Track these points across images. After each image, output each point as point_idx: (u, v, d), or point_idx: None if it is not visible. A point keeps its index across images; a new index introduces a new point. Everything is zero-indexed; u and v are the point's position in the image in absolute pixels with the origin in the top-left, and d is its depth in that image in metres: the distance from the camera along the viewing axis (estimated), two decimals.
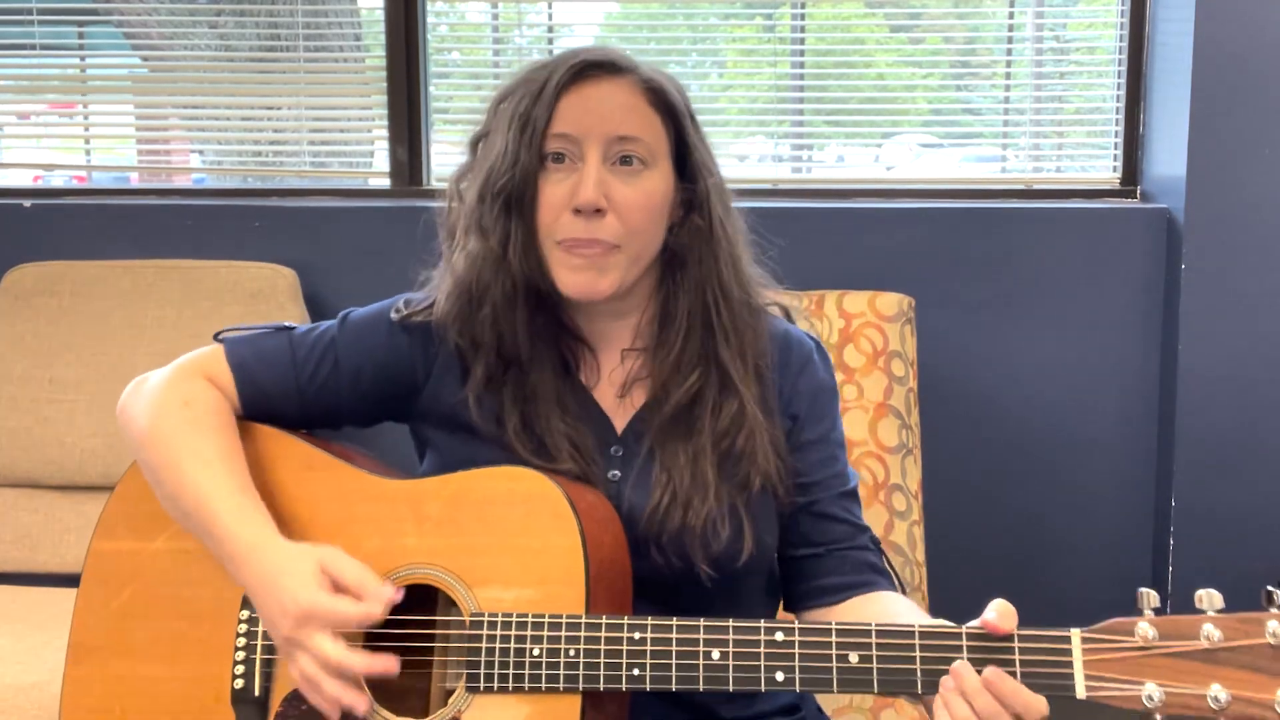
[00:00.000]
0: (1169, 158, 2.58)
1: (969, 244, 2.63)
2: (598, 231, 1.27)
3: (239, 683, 1.30)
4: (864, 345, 2.24)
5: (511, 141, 1.28)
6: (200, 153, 3.24)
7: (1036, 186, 2.82)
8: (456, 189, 1.37)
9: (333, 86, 3.01)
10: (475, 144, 1.36)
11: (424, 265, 1.42)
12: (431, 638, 1.29)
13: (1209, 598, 1.08)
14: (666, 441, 1.33)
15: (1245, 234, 2.48)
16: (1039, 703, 1.09)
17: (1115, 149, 2.76)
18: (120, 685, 1.35)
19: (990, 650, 1.11)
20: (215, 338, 1.41)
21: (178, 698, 1.32)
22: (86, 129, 3.17)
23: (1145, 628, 1.07)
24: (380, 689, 1.26)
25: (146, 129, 3.17)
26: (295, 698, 1.26)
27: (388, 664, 1.21)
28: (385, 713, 1.25)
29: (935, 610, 1.34)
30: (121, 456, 2.54)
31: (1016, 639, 1.11)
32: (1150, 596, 1.09)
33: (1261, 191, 2.47)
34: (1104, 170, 2.79)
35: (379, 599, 1.21)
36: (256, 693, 1.29)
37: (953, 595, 1.42)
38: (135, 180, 3.16)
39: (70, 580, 2.50)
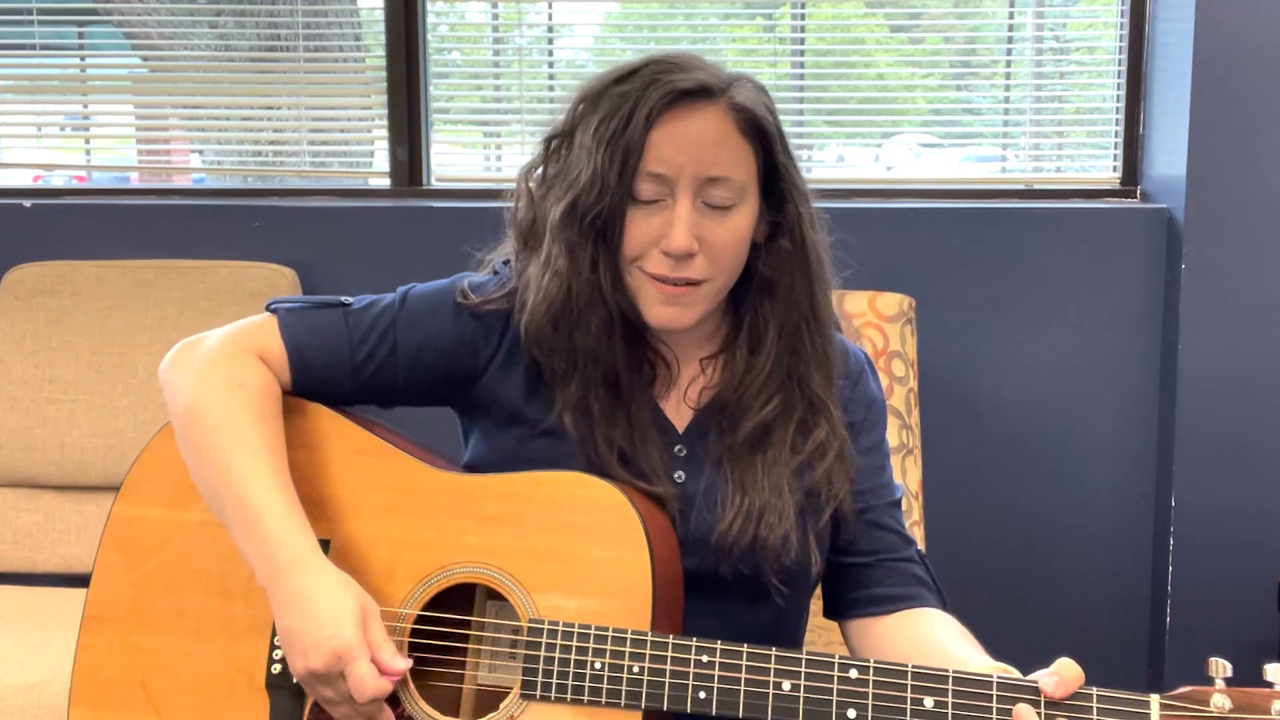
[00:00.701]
0: (1169, 158, 2.58)
1: (969, 244, 2.63)
2: (686, 271, 1.27)
3: (276, 667, 1.28)
4: (864, 345, 2.24)
5: (600, 167, 1.25)
6: (200, 153, 3.24)
7: (1036, 186, 2.82)
8: (526, 185, 1.35)
9: (333, 86, 3.01)
10: (549, 142, 1.34)
11: (478, 253, 1.42)
12: (466, 637, 1.28)
13: (1274, 671, 1.08)
14: (740, 458, 1.32)
15: (1245, 234, 2.48)
16: None
17: (1115, 149, 2.76)
18: (141, 658, 1.31)
19: (1067, 709, 1.10)
20: (268, 308, 1.38)
21: (206, 677, 1.29)
22: (86, 129, 3.17)
23: (1220, 699, 1.09)
24: (418, 684, 1.25)
25: (146, 129, 3.17)
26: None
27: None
28: (428, 709, 1.24)
29: None
30: (122, 457, 2.56)
31: (1095, 699, 1.10)
32: (1223, 666, 1.09)
33: (1261, 191, 2.46)
34: (1104, 170, 2.79)
35: (395, 671, 1.20)
36: (295, 679, 1.26)
37: (953, 595, 1.41)
38: (135, 180, 3.16)
39: (71, 580, 2.52)
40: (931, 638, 1.28)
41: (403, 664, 1.21)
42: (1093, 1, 2.88)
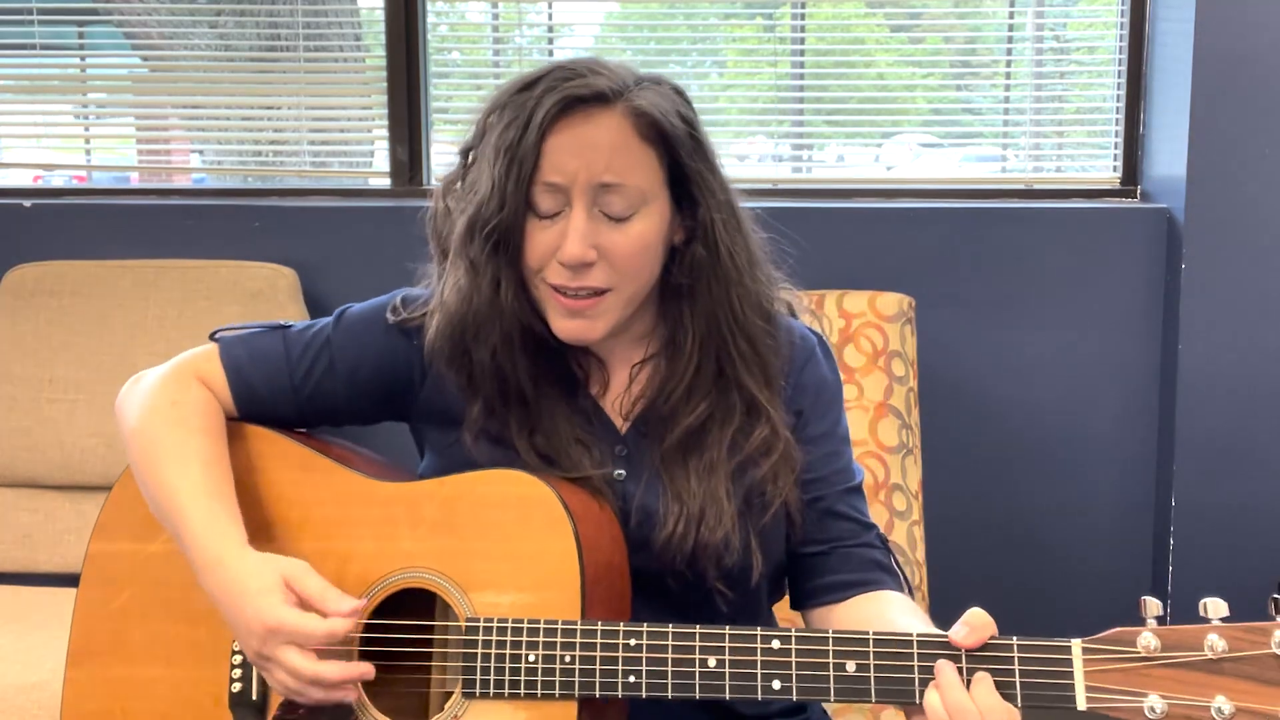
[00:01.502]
0: (1169, 158, 2.58)
1: (969, 244, 2.63)
2: (586, 279, 1.25)
3: (236, 686, 1.30)
4: (864, 345, 2.24)
5: (499, 178, 1.23)
6: (200, 153, 3.24)
7: (1036, 186, 2.82)
8: (443, 198, 1.34)
9: (333, 86, 3.01)
10: (465, 153, 1.32)
11: (421, 263, 1.42)
12: (429, 642, 1.28)
13: (1213, 606, 1.05)
14: (672, 466, 1.31)
15: (1245, 234, 2.48)
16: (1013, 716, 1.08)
17: (1115, 149, 2.76)
18: (120, 688, 1.34)
19: (988, 660, 1.10)
20: (211, 337, 1.40)
21: (176, 700, 1.32)
22: (86, 129, 3.17)
23: (1148, 638, 1.05)
24: (378, 693, 1.25)
25: (146, 129, 3.17)
26: (291, 702, 1.26)
27: (364, 670, 1.22)
28: (380, 716, 1.25)
29: (935, 609, 1.34)
30: (121, 456, 2.55)
31: (1016, 648, 1.10)
32: (1152, 605, 1.07)
33: (1261, 191, 2.47)
34: (1104, 170, 2.79)
35: (343, 613, 1.20)
36: (254, 696, 1.29)
37: (953, 595, 1.41)
38: (135, 180, 3.16)
39: (70, 580, 2.50)
40: (882, 618, 1.28)
41: (350, 604, 1.21)
42: (1093, 1, 2.88)
